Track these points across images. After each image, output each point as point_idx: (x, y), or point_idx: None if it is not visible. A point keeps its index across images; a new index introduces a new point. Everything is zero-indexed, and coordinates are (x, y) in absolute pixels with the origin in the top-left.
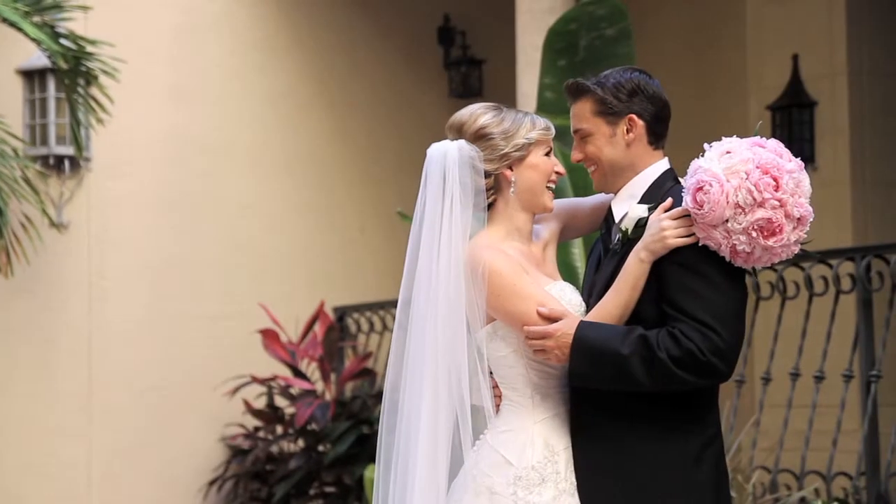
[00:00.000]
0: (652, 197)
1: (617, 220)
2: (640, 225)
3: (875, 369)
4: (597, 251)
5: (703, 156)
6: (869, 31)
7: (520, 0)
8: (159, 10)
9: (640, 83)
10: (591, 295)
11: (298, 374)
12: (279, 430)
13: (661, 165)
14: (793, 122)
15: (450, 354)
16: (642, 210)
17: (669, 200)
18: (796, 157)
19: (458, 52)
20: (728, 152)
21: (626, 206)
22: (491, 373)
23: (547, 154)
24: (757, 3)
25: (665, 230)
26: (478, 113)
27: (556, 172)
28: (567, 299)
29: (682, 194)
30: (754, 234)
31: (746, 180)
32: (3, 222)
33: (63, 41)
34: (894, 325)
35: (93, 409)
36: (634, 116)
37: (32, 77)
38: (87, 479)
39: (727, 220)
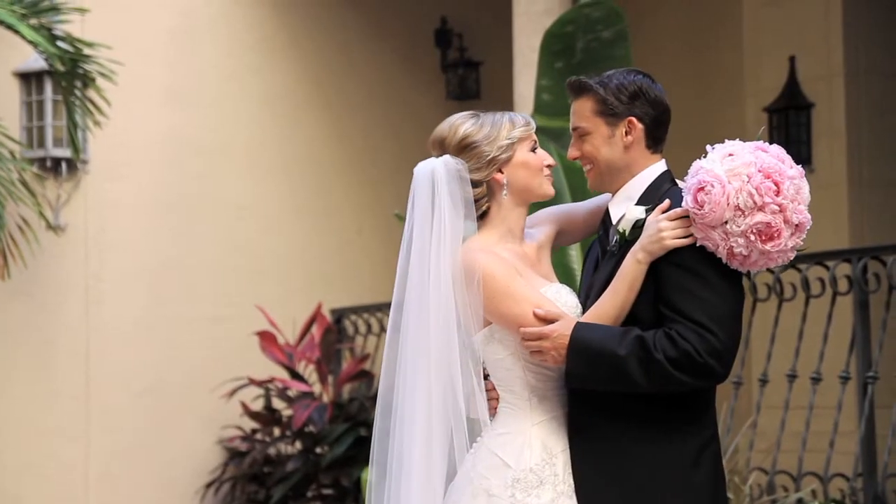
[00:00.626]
0: (649, 198)
1: (614, 221)
2: (638, 226)
3: (872, 371)
4: (594, 252)
5: (705, 157)
6: (866, 31)
7: (517, 2)
8: (156, 13)
9: (643, 86)
10: (589, 296)
11: (296, 376)
12: (276, 432)
13: (659, 167)
14: (790, 123)
15: (443, 360)
16: (640, 212)
17: (667, 202)
18: (793, 158)
19: (456, 54)
20: (730, 155)
21: (624, 208)
22: (488, 375)
23: (533, 150)
24: (754, 5)
25: (663, 231)
26: (457, 123)
27: (547, 165)
28: (563, 301)
29: (683, 194)
30: (752, 237)
31: (748, 183)
32: (0, 225)
33: (60, 43)
34: (891, 326)
35: (90, 410)
36: (634, 119)
37: (29, 79)
38: (84, 480)
39: (726, 222)
